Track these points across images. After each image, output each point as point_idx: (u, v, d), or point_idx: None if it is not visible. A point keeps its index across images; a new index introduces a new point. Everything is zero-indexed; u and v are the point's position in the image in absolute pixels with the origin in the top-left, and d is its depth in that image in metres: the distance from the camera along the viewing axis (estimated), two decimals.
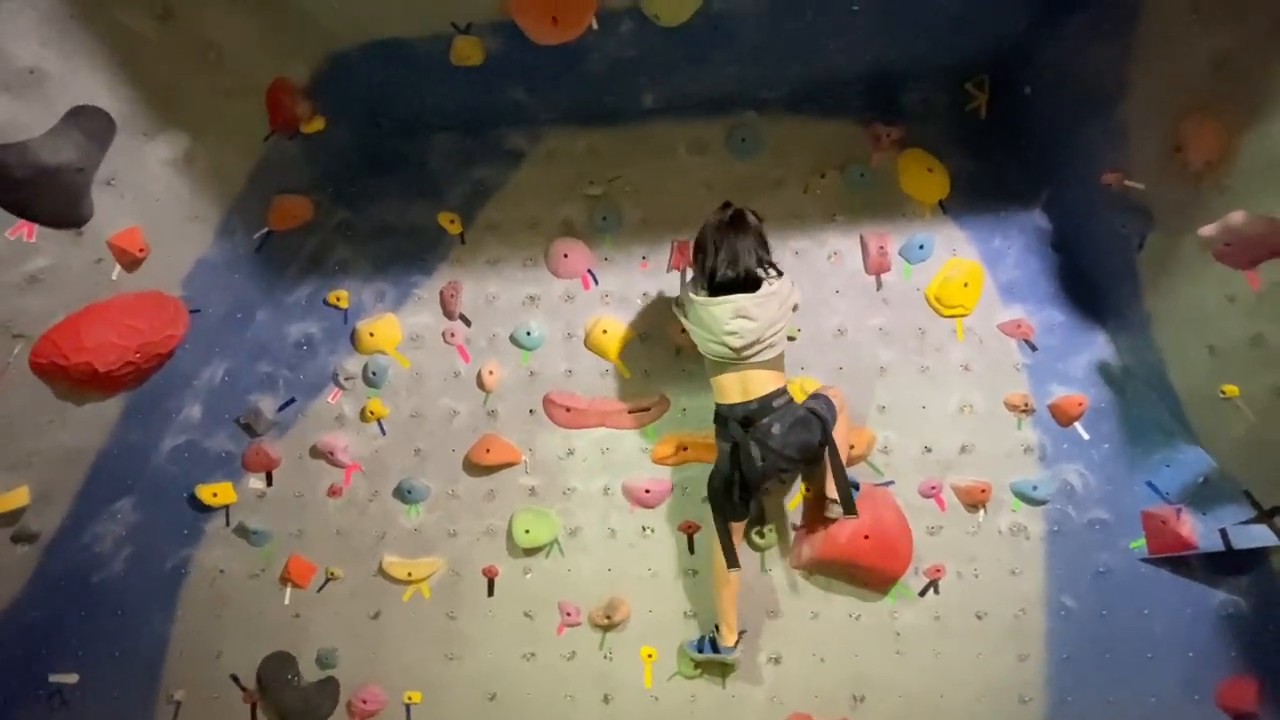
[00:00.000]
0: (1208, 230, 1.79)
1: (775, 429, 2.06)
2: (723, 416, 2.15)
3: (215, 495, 2.56)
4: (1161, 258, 2.06)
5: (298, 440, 2.64)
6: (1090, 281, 2.41)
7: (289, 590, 2.59)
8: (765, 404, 2.07)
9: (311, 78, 2.24)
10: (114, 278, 1.94)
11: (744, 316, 2.01)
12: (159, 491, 2.54)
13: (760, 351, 2.05)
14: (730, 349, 2.04)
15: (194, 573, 2.60)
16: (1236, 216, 1.73)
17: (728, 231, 2.08)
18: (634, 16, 2.00)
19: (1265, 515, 2.05)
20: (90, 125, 1.67)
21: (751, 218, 2.13)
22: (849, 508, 2.12)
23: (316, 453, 2.62)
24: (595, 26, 1.95)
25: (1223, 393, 1.98)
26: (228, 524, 2.61)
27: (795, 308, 2.16)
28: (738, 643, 2.31)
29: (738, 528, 2.28)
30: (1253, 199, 1.72)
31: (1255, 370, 1.89)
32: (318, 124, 2.30)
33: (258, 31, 1.97)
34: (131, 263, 1.97)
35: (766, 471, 2.10)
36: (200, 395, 2.58)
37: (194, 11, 1.80)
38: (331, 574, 2.59)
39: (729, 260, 2.04)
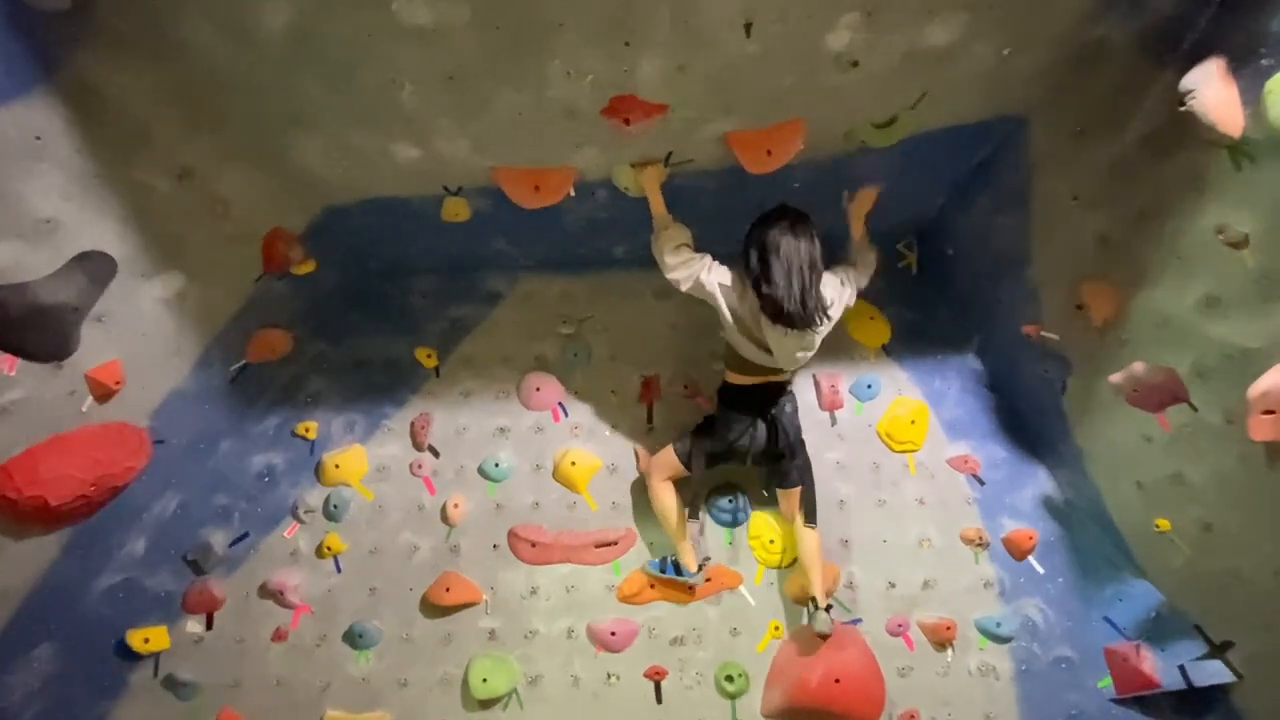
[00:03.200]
0: (1116, 378, 2.02)
1: (788, 408, 2.24)
2: (745, 393, 2.22)
3: (147, 641, 2.37)
4: (1083, 399, 2.27)
5: (246, 578, 2.51)
6: (1025, 419, 2.60)
7: None
8: (783, 386, 2.25)
9: (308, 226, 2.43)
10: (84, 409, 1.95)
11: (806, 349, 2.10)
12: (84, 637, 2.33)
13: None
14: (783, 368, 2.17)
15: None
16: (1138, 366, 1.97)
17: (796, 256, 1.94)
18: (607, 187, 2.27)
19: (1218, 650, 2.09)
20: (93, 268, 1.77)
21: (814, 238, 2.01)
22: (812, 516, 2.34)
23: (265, 592, 2.49)
24: (573, 194, 2.21)
25: (1157, 527, 2.11)
26: (155, 674, 2.40)
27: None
28: (701, 569, 2.38)
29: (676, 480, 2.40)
30: (1150, 351, 1.96)
31: (1182, 505, 2.04)
32: (308, 266, 2.46)
33: (264, 188, 2.17)
34: (105, 394, 1.99)
35: (766, 448, 2.23)
36: (147, 529, 2.46)
37: (209, 171, 1.99)
38: None
39: (796, 298, 1.93)
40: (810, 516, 2.34)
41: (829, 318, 2.05)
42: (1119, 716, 2.29)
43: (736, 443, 2.23)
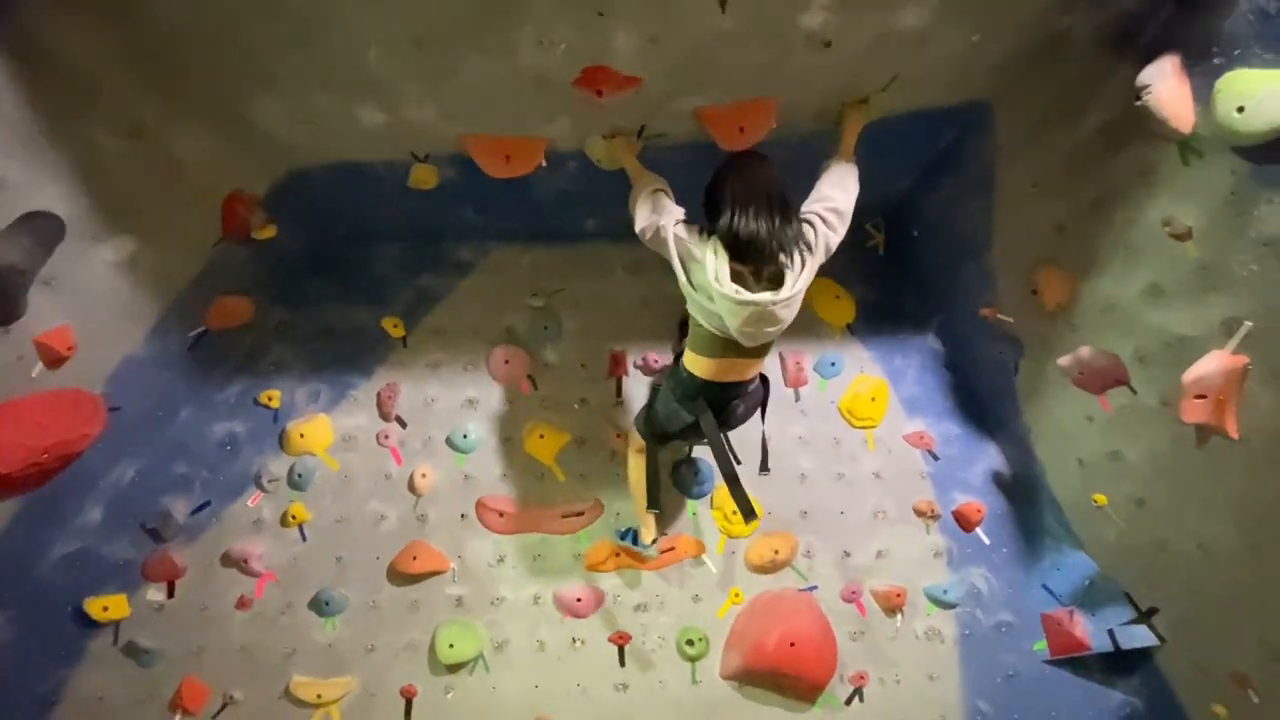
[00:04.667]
0: (1063, 361, 2.11)
1: (739, 410, 2.01)
2: (696, 389, 1.91)
3: (106, 609, 2.35)
4: (1033, 381, 2.37)
5: (209, 547, 2.49)
6: (979, 398, 2.71)
7: (178, 718, 2.34)
8: (742, 389, 1.96)
9: (269, 190, 2.36)
10: (34, 375, 1.89)
11: (768, 323, 1.68)
12: (40, 605, 2.30)
13: (770, 340, 1.83)
14: (740, 344, 1.78)
15: (66, 699, 2.32)
16: (1084, 351, 2.06)
17: (762, 184, 1.70)
18: (578, 158, 2.25)
19: (1144, 616, 2.25)
20: (40, 229, 1.69)
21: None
22: (749, 512, 1.95)
23: (228, 560, 2.48)
24: (544, 165, 2.19)
25: (1095, 501, 2.24)
26: (115, 642, 2.38)
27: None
28: (654, 542, 2.39)
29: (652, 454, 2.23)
30: (1096, 336, 2.05)
31: (1117, 481, 2.16)
32: (269, 231, 2.39)
33: (223, 149, 2.09)
34: (55, 360, 1.92)
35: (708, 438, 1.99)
36: (104, 497, 2.43)
37: (163, 130, 1.91)
38: (229, 698, 2.37)
39: (758, 233, 1.64)
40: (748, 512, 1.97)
41: (803, 250, 1.71)
42: (1051, 676, 2.45)
43: (674, 435, 2.08)
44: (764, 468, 2.24)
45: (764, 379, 2.07)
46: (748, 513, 1.95)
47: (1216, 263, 1.65)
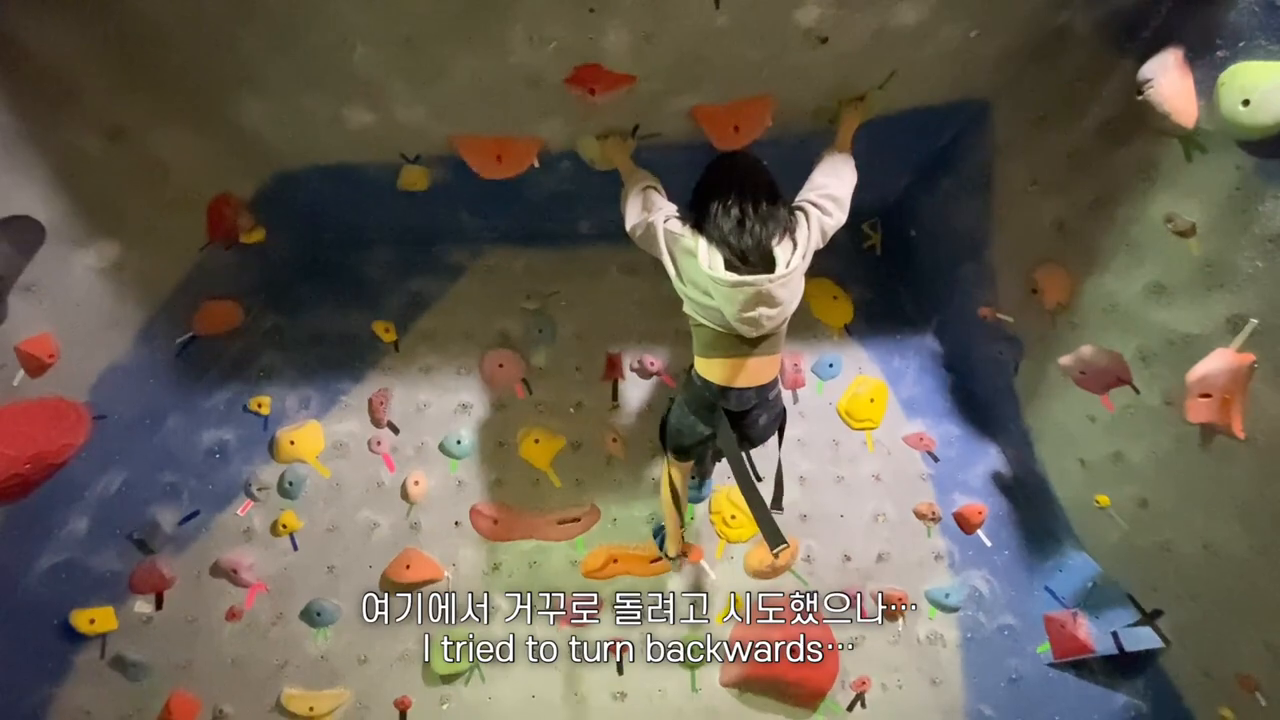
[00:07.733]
0: (1065, 360, 2.08)
1: (761, 420, 1.87)
2: (708, 399, 1.82)
3: (93, 622, 2.30)
4: (1033, 381, 2.34)
5: (197, 557, 2.45)
6: (979, 398, 2.68)
7: None
8: (762, 395, 1.82)
9: (256, 192, 2.32)
10: (15, 384, 1.84)
11: (766, 304, 1.62)
12: (26, 618, 2.25)
13: (777, 329, 1.75)
14: (742, 336, 1.70)
15: (52, 715, 2.27)
16: (1086, 350, 2.03)
17: (743, 185, 1.69)
18: (571, 158, 2.22)
19: (1148, 618, 2.22)
20: (19, 234, 1.65)
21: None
22: (776, 539, 1.79)
23: (218, 571, 2.43)
24: (536, 165, 2.15)
25: (1097, 502, 2.21)
26: (102, 655, 2.33)
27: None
28: (678, 556, 2.37)
29: (686, 466, 2.18)
30: (1098, 335, 2.02)
31: (1120, 483, 2.13)
32: (258, 235, 2.35)
33: (208, 151, 2.05)
34: (37, 368, 1.88)
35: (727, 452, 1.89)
36: (90, 507, 2.37)
37: (145, 131, 1.87)
38: (220, 712, 2.33)
39: (739, 228, 1.63)
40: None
41: (792, 233, 1.69)
42: (1054, 679, 2.42)
43: (692, 449, 2.00)
44: (776, 504, 1.94)
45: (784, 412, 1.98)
46: (774, 539, 1.76)
47: (1221, 259, 1.63)
